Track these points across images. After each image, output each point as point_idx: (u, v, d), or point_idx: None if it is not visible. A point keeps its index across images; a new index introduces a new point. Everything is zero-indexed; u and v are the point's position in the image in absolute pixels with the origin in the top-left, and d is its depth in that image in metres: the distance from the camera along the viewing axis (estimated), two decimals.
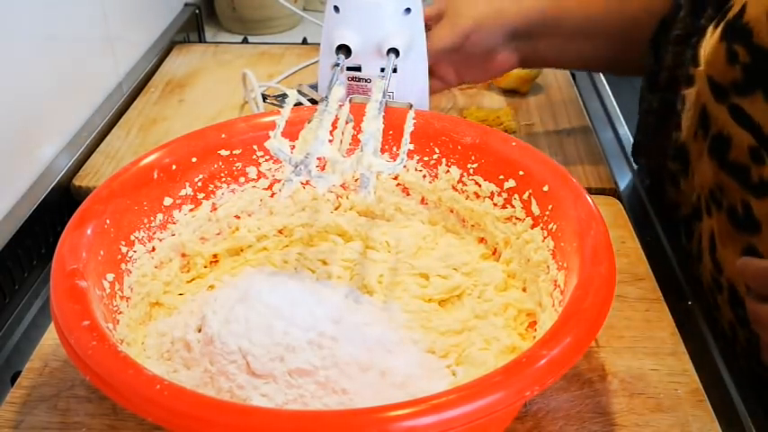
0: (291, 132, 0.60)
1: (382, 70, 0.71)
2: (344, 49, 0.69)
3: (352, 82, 0.73)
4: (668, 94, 0.73)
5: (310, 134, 0.55)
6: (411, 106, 0.65)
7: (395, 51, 0.69)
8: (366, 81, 0.73)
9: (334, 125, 0.61)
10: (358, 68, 0.72)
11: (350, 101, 0.65)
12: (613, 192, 0.80)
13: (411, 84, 0.74)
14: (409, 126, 0.59)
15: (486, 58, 0.80)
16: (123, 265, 0.56)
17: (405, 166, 0.67)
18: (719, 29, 0.62)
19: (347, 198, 0.68)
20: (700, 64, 0.64)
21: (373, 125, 0.56)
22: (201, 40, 1.27)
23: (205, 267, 0.64)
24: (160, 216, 0.60)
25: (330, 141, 0.56)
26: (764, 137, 0.58)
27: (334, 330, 0.52)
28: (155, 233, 0.60)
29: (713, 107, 0.63)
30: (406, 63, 0.72)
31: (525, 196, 0.60)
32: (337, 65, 0.67)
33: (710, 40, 0.63)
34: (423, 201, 0.68)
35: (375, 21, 0.70)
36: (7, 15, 0.74)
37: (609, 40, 0.81)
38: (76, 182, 0.82)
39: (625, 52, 0.82)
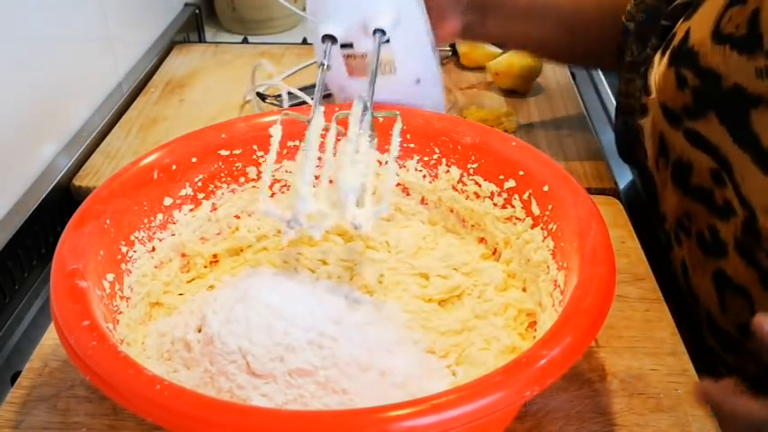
0: (292, 132, 0.60)
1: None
2: (330, 39, 0.68)
3: (349, 60, 0.72)
4: (628, 119, 0.74)
5: (298, 179, 0.55)
6: (397, 115, 0.60)
7: (380, 31, 0.67)
8: (363, 56, 0.71)
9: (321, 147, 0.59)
10: (351, 45, 0.71)
11: (335, 119, 0.61)
12: (613, 192, 0.80)
13: (413, 53, 0.72)
14: (395, 149, 0.58)
15: (436, 18, 0.76)
16: (123, 265, 0.56)
17: (404, 166, 0.67)
18: (666, 56, 0.63)
19: None
20: (651, 92, 0.65)
21: (350, 176, 0.55)
22: (201, 40, 1.27)
23: (205, 267, 0.64)
24: (160, 216, 0.60)
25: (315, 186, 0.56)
26: (723, 158, 0.58)
27: (335, 330, 0.52)
28: (155, 233, 0.60)
29: (670, 133, 0.63)
30: (400, 33, 0.69)
31: (525, 196, 0.60)
32: (323, 65, 0.65)
33: (659, 68, 0.63)
34: (423, 201, 0.68)
35: (353, 2, 0.68)
36: (7, 15, 0.74)
37: (557, 27, 0.81)
38: (76, 182, 0.82)
39: (573, 42, 0.81)
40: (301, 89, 0.93)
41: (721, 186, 0.58)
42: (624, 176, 0.88)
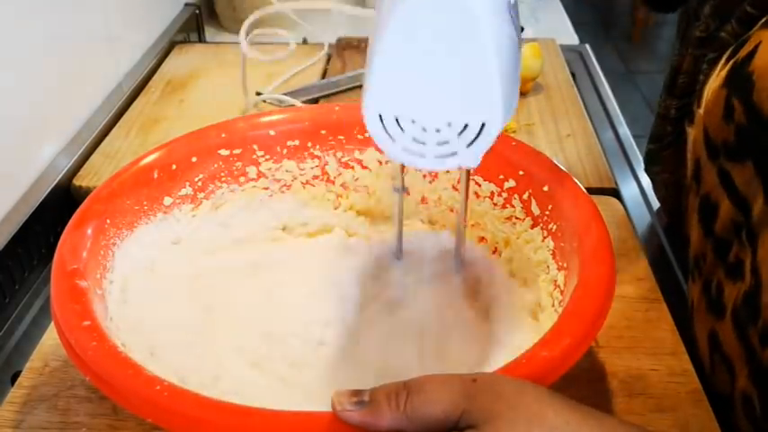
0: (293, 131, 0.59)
1: None
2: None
3: None
4: (687, 101, 0.65)
5: None
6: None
7: None
8: None
9: None
10: None
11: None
12: (613, 192, 0.80)
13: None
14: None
15: None
16: None
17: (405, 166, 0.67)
18: (726, 69, 0.52)
19: (347, 198, 0.68)
20: (702, 105, 0.55)
21: None
22: (201, 40, 1.27)
23: None
24: (160, 216, 0.60)
25: None
26: (749, 214, 0.50)
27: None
28: None
29: (705, 164, 0.54)
30: None
31: (525, 196, 0.60)
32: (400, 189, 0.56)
33: (715, 81, 0.53)
34: (423, 200, 0.67)
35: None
36: (7, 15, 0.74)
37: None
38: (76, 182, 0.82)
39: None
40: (301, 89, 0.94)
41: (740, 243, 0.51)
42: (624, 176, 0.88)
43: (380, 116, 0.45)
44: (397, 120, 0.45)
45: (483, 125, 0.44)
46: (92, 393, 0.54)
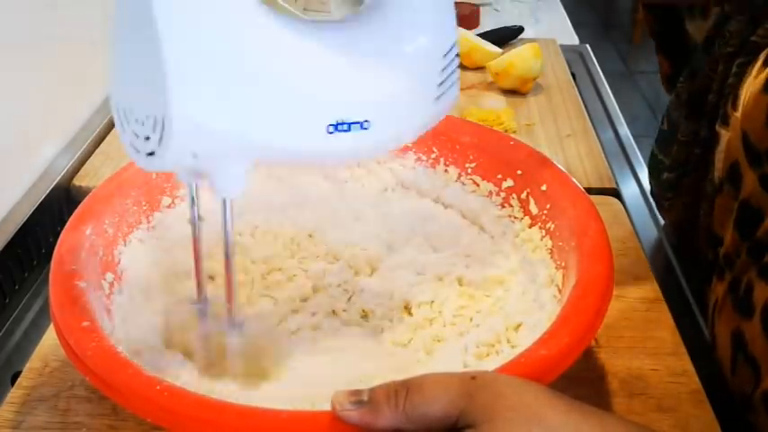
0: None
1: None
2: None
3: None
4: (715, 118, 0.62)
5: None
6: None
7: None
8: None
9: None
10: None
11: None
12: (613, 192, 0.80)
13: None
14: None
15: None
16: None
17: (403, 165, 0.67)
18: (766, 73, 0.50)
19: None
20: (738, 108, 0.53)
21: None
22: None
23: None
24: (159, 216, 0.60)
25: None
26: None
27: None
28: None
29: (745, 169, 0.52)
30: None
31: (523, 195, 0.60)
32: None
33: (753, 84, 0.51)
34: None
35: None
36: (8, 15, 0.74)
37: None
38: (76, 182, 0.82)
39: None
40: None
41: None
42: (624, 176, 0.88)
43: (116, 105, 0.44)
44: (125, 111, 0.43)
45: (163, 120, 0.41)
46: (92, 393, 0.54)
